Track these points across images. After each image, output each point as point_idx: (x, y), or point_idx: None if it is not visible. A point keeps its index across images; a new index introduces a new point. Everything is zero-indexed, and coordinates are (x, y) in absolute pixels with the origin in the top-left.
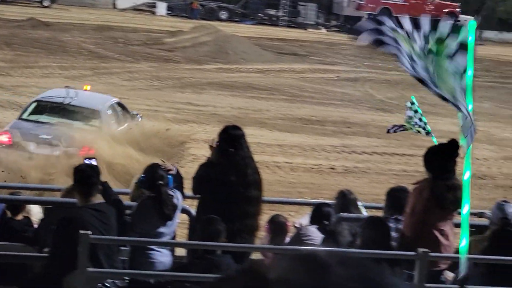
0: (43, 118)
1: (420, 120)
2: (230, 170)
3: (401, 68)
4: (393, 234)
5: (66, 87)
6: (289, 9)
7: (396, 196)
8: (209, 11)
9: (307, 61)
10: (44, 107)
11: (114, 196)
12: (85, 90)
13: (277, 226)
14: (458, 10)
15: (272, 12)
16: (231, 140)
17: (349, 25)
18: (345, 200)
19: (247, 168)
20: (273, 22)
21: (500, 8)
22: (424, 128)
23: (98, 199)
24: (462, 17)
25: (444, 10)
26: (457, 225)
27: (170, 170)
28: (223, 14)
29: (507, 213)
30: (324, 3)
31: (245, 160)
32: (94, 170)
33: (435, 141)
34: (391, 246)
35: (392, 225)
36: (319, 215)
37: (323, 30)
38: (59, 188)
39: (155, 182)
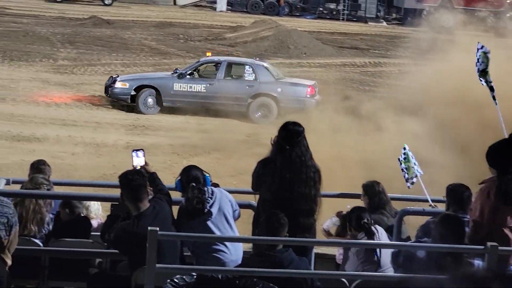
0: None
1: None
2: (285, 167)
3: None
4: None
5: None
6: (349, 3)
7: (457, 193)
8: (269, 6)
9: (368, 54)
10: None
11: (162, 187)
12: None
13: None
14: None
15: (332, 6)
16: (288, 137)
17: (410, 18)
18: (373, 191)
19: (302, 165)
20: (333, 16)
21: None
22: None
23: (146, 204)
24: None
25: (507, 1)
26: None
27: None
28: (284, 9)
29: None
30: None
31: (301, 157)
32: (138, 175)
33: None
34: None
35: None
36: (356, 219)
37: (384, 23)
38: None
39: (188, 184)
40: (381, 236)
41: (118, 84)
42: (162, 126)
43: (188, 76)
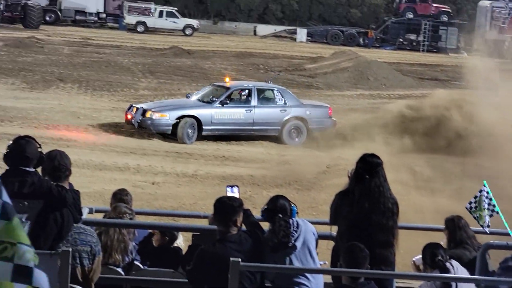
0: None
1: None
2: (363, 197)
3: None
4: None
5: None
6: (430, 34)
7: None
8: (349, 37)
9: (448, 86)
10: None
11: (254, 223)
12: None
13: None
14: None
15: (412, 37)
16: (367, 168)
17: (492, 49)
18: (454, 226)
19: (380, 196)
20: (413, 47)
21: None
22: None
23: (235, 230)
24: None
25: None
26: None
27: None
28: (363, 40)
29: None
30: (465, 27)
31: (380, 188)
32: (234, 202)
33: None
34: None
35: None
36: (431, 256)
37: (465, 54)
38: (205, 215)
39: (275, 214)
40: (457, 271)
41: (156, 115)
42: (242, 157)
43: (227, 103)
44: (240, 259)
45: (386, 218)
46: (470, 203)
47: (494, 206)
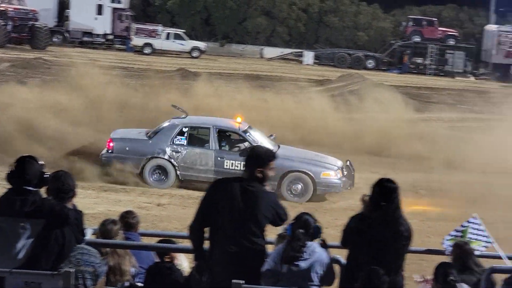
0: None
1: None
2: (381, 223)
3: None
4: None
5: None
6: (436, 57)
7: None
8: (356, 60)
9: (455, 110)
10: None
11: None
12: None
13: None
14: None
15: (419, 60)
16: (384, 193)
17: (498, 73)
18: (461, 252)
19: (397, 222)
20: (420, 70)
21: None
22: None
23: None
24: None
25: None
26: None
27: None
28: (370, 63)
29: None
30: (472, 50)
31: (395, 213)
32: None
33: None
34: None
35: None
36: (443, 275)
37: (472, 78)
38: None
39: (297, 228)
40: None
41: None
42: None
43: None
44: (243, 281)
45: (400, 244)
46: (457, 230)
47: (486, 237)
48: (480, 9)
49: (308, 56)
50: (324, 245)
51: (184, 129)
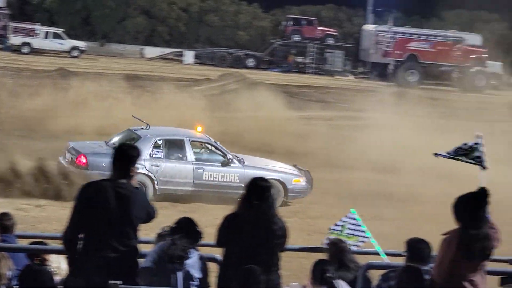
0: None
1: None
2: (254, 222)
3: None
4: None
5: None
6: (316, 56)
7: (416, 247)
8: (237, 59)
9: (335, 108)
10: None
11: None
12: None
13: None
14: (485, 56)
15: (299, 59)
16: (257, 192)
17: (376, 72)
18: (336, 249)
19: (270, 220)
20: (300, 69)
21: None
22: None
23: None
24: (489, 63)
25: (471, 56)
26: (488, 273)
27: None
28: (251, 62)
29: None
30: (351, 50)
31: (269, 212)
32: None
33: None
34: None
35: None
36: (320, 272)
37: (351, 77)
38: None
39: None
40: None
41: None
42: None
43: None
44: (120, 282)
45: (275, 242)
46: (336, 225)
47: (364, 232)
48: (358, 9)
49: (189, 56)
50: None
51: (159, 142)
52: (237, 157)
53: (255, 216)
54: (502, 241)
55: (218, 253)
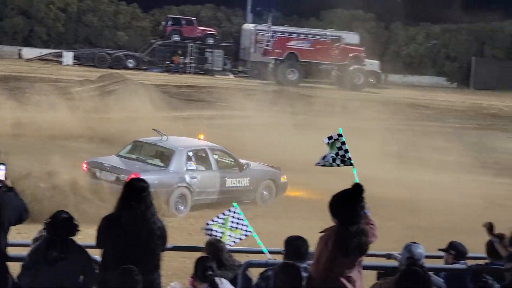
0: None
1: (347, 151)
2: (132, 223)
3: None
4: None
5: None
6: (196, 56)
7: (293, 245)
8: (116, 59)
9: (215, 107)
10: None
11: None
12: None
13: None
14: (363, 54)
15: (174, 59)
16: (134, 193)
17: (256, 71)
18: (214, 249)
19: (148, 221)
20: (181, 69)
21: (403, 52)
22: (347, 160)
23: None
24: (367, 61)
25: (349, 55)
26: (366, 268)
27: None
28: (131, 63)
29: (414, 253)
30: (231, 49)
31: (146, 213)
32: None
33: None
34: None
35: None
36: (202, 269)
37: (231, 76)
38: None
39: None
40: (225, 287)
41: None
42: None
43: None
44: None
45: (153, 243)
46: (218, 217)
47: (246, 226)
48: (237, 8)
49: (68, 57)
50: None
51: (189, 153)
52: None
53: (133, 217)
54: (379, 236)
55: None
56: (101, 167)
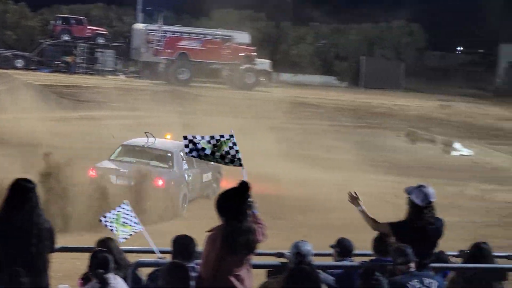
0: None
1: (238, 152)
2: (17, 225)
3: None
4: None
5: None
6: (86, 56)
7: (180, 244)
8: (4, 59)
9: (106, 107)
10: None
11: None
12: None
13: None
14: (254, 53)
15: (68, 59)
16: (20, 193)
17: (148, 71)
18: (106, 247)
19: (35, 221)
20: (71, 69)
21: (293, 51)
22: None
23: None
24: (258, 60)
25: (240, 54)
26: (256, 267)
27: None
28: (19, 62)
29: (302, 250)
30: (122, 49)
31: (33, 213)
32: None
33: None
34: None
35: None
36: (97, 262)
37: (122, 76)
38: None
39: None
40: (118, 284)
41: None
42: None
43: None
44: None
45: (40, 243)
46: (111, 213)
47: (137, 223)
48: (128, 8)
49: None
50: None
51: (181, 154)
52: None
53: (19, 218)
54: (269, 236)
55: None
56: (117, 173)
